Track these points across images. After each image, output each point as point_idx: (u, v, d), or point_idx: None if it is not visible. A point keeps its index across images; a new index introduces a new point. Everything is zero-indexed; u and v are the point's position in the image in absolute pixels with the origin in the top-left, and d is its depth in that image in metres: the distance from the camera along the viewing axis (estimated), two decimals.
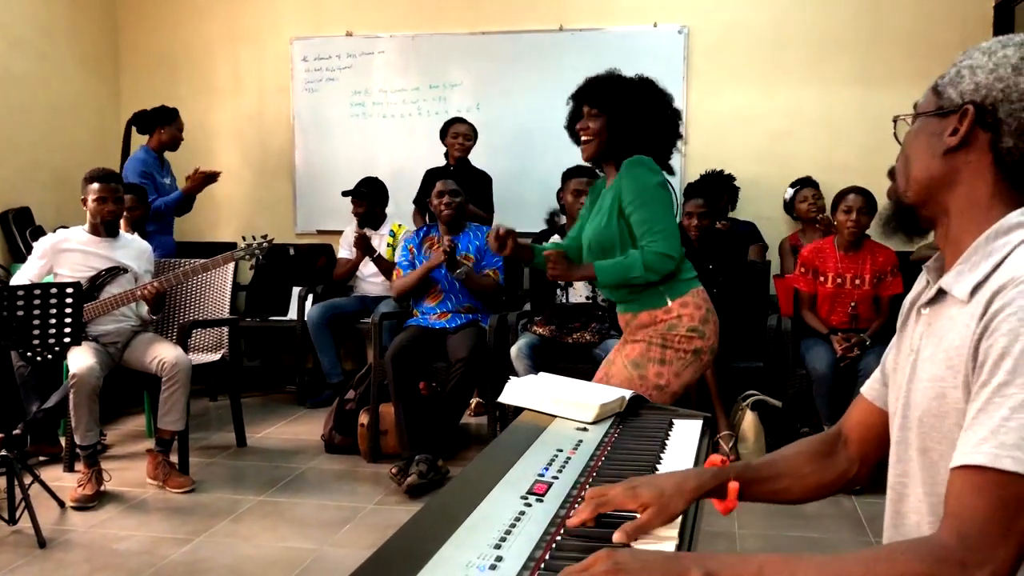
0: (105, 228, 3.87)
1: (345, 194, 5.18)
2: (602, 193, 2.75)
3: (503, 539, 1.11)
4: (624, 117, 2.64)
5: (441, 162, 5.11)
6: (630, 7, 5.34)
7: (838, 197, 4.09)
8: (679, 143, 2.78)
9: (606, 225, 2.64)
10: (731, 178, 4.99)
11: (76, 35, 5.63)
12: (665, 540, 1.17)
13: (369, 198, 5.14)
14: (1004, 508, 0.91)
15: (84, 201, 3.85)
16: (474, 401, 4.86)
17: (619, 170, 2.66)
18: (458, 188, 4.22)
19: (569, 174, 4.42)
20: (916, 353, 1.14)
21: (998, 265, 1.03)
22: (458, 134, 4.99)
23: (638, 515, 1.18)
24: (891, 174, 1.23)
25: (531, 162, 5.39)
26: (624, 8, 5.35)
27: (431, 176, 4.95)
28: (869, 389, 1.34)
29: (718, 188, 4.81)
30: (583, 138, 2.69)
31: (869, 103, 5.03)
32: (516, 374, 3.83)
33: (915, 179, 1.16)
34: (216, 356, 4.32)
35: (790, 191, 4.87)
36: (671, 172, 2.79)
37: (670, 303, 2.63)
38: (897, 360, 1.22)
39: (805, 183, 4.82)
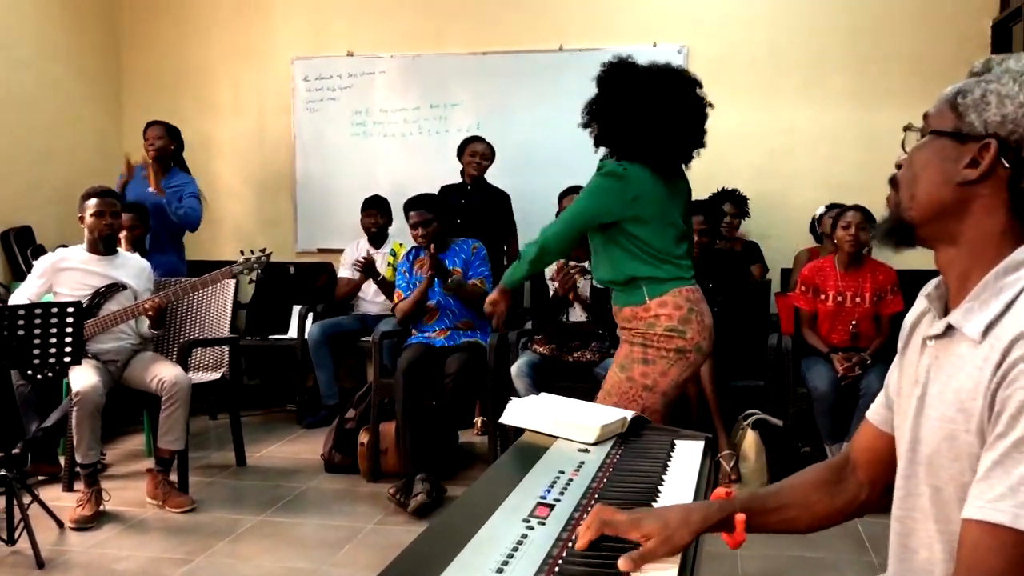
0: (104, 245, 3.88)
1: (368, 204, 5.18)
2: None
3: (505, 563, 1.11)
4: (609, 102, 2.69)
5: (448, 178, 5.11)
6: (630, 27, 5.37)
7: (838, 214, 4.10)
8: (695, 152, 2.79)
9: None
10: (744, 199, 4.96)
11: (77, 54, 5.66)
12: (667, 567, 1.17)
13: (389, 212, 5.18)
14: (1018, 567, 0.93)
15: (81, 219, 3.86)
16: (479, 420, 4.85)
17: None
18: (428, 215, 4.15)
19: (565, 193, 4.44)
20: (923, 387, 1.12)
21: (1010, 303, 1.01)
22: (475, 153, 4.96)
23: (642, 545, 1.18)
24: (893, 182, 1.18)
25: (532, 181, 5.39)
26: (624, 28, 5.38)
27: (446, 192, 4.94)
28: (874, 414, 1.32)
29: (720, 207, 4.80)
30: None
31: (867, 121, 5.05)
32: (517, 393, 3.82)
33: (921, 201, 1.12)
34: (216, 375, 4.32)
35: (822, 208, 4.66)
36: (676, 173, 2.81)
37: (648, 301, 2.69)
38: (900, 385, 1.21)
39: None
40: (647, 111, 2.65)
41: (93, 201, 3.83)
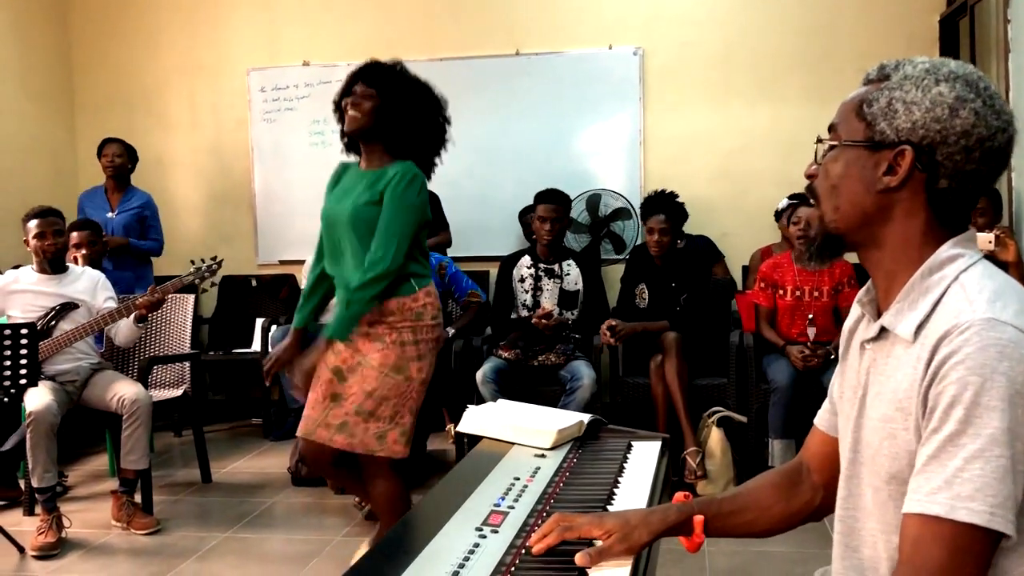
0: (51, 264, 3.82)
1: None
2: (356, 174, 2.86)
3: (456, 572, 1.11)
4: (395, 106, 2.78)
5: None
6: (585, 30, 5.40)
7: (790, 211, 4.15)
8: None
9: (375, 202, 2.69)
10: (673, 195, 4.95)
11: (29, 73, 5.56)
12: (621, 566, 1.17)
13: None
14: (958, 557, 0.95)
15: (26, 242, 3.80)
16: (450, 427, 4.82)
17: (392, 160, 2.77)
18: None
19: (526, 210, 4.42)
20: (864, 388, 1.14)
21: (937, 302, 1.04)
22: None
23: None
24: (811, 192, 1.21)
25: (491, 187, 5.40)
26: (579, 31, 5.40)
27: None
28: (821, 420, 1.34)
29: (678, 205, 4.80)
30: (351, 113, 2.77)
31: (822, 119, 4.95)
32: (482, 398, 3.82)
33: (846, 211, 1.14)
34: (178, 391, 4.26)
35: (784, 202, 4.63)
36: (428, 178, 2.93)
37: (418, 291, 2.72)
38: (843, 390, 1.22)
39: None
40: (431, 116, 2.85)
41: (33, 223, 3.77)
